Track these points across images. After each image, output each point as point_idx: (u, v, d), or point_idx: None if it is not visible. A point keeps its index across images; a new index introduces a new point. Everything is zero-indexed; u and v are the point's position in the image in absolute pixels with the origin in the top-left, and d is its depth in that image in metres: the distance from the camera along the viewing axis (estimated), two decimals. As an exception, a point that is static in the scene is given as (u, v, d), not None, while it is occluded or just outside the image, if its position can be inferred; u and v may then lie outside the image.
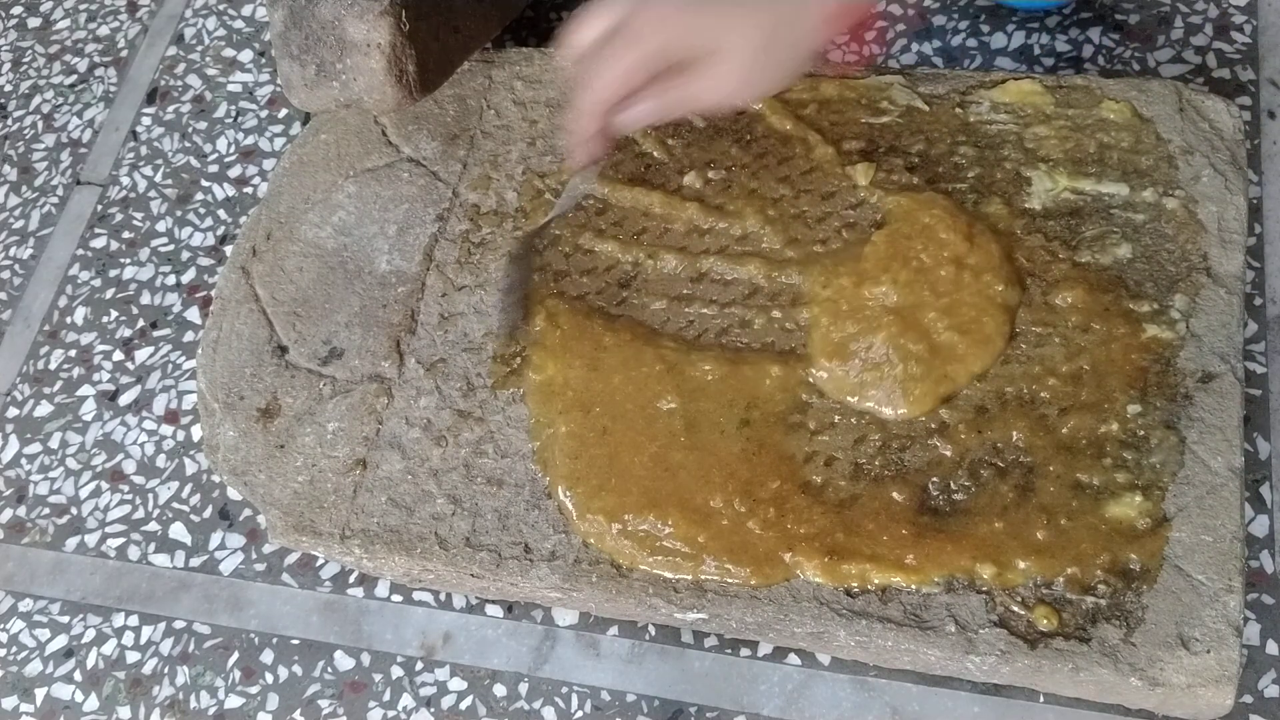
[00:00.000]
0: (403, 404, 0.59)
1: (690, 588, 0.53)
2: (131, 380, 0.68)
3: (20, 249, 0.75)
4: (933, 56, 0.69)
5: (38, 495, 0.66)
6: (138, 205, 0.74)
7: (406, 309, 0.62)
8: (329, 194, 0.66)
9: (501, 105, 0.67)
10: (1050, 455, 0.52)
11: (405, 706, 0.57)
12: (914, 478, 0.53)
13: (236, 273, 0.65)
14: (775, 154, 0.62)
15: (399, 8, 0.59)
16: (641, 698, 0.56)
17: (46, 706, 0.60)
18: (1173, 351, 0.54)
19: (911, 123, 0.61)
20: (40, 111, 0.80)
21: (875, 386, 0.54)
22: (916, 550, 0.51)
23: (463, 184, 0.65)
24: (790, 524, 0.52)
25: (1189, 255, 0.56)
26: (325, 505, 0.57)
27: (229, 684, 0.59)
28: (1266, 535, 0.55)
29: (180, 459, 0.65)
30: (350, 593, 0.60)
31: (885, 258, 0.57)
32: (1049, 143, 0.59)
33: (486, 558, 0.55)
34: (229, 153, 0.75)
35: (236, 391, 0.61)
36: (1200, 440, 0.52)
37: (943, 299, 0.55)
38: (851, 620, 0.51)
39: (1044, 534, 0.51)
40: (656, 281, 0.60)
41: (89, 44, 0.82)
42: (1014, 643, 0.49)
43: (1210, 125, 0.59)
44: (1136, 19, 0.68)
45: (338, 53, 0.60)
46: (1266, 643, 0.53)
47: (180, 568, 0.62)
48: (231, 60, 0.79)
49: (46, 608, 0.63)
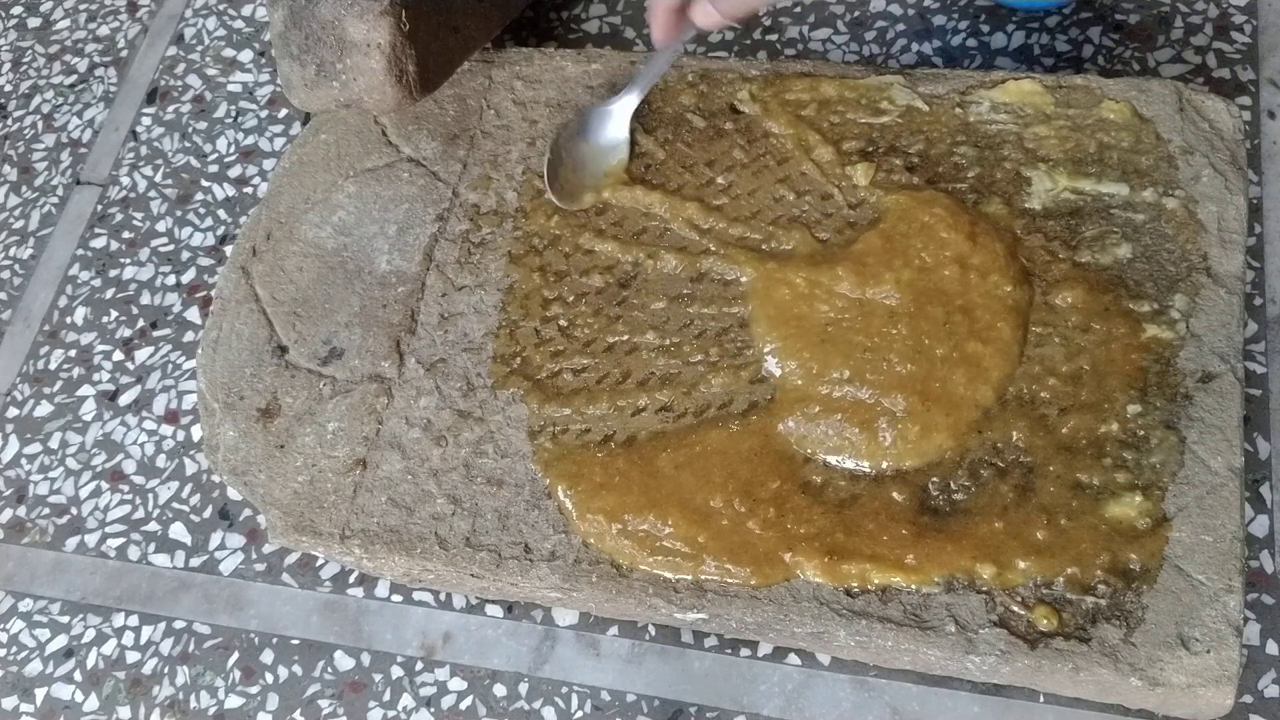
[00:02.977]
0: (403, 404, 0.59)
1: (690, 588, 0.53)
2: (131, 380, 0.68)
3: (20, 249, 0.75)
4: (933, 56, 0.69)
5: (38, 495, 0.66)
6: (138, 205, 0.74)
7: (406, 309, 0.62)
8: (329, 194, 0.66)
9: (501, 105, 0.67)
10: (1050, 455, 0.52)
11: (405, 706, 0.57)
12: (914, 478, 0.53)
13: (236, 273, 0.65)
14: (775, 154, 0.62)
15: (399, 8, 0.59)
16: (641, 698, 0.56)
17: (46, 706, 0.60)
18: (1173, 351, 0.54)
19: (911, 123, 0.61)
20: (40, 111, 0.80)
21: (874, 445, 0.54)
22: (916, 550, 0.51)
23: (463, 184, 0.65)
24: (790, 524, 0.52)
25: (1189, 255, 0.56)
26: (325, 505, 0.57)
27: (229, 684, 0.59)
28: (1266, 535, 0.55)
29: (180, 459, 0.65)
30: (350, 593, 0.60)
31: (882, 254, 0.57)
32: (1049, 143, 0.59)
33: (486, 558, 0.55)
34: (229, 153, 0.75)
35: (236, 391, 0.61)
36: (1200, 440, 0.52)
37: (948, 321, 0.55)
38: (851, 620, 0.51)
39: (1044, 534, 0.51)
40: (656, 281, 0.60)
41: (89, 44, 0.82)
42: (1014, 643, 0.49)
43: (1210, 125, 0.59)
44: (1136, 19, 0.68)
45: (338, 53, 0.60)
46: (1266, 643, 0.53)
47: (180, 568, 0.62)
48: (231, 60, 0.79)
49: (46, 608, 0.63)
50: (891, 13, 0.71)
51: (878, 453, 0.53)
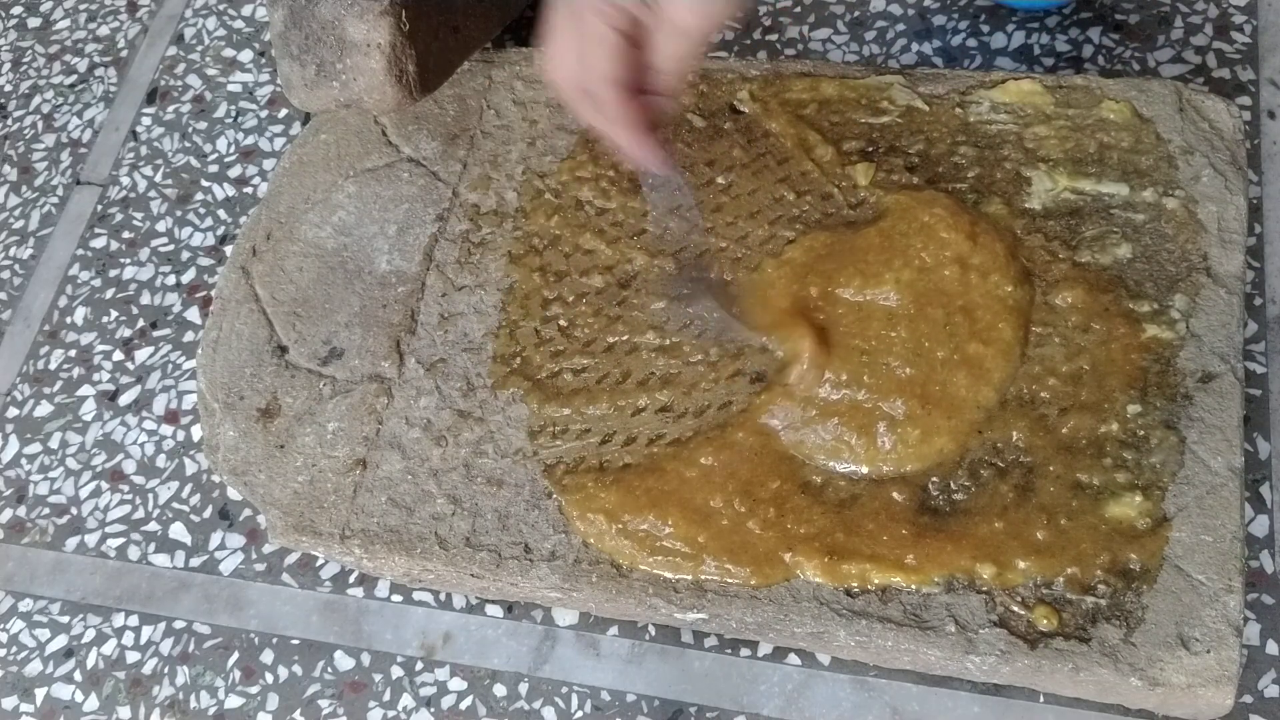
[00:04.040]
0: (403, 404, 0.59)
1: (690, 588, 0.53)
2: (131, 380, 0.68)
3: (20, 249, 0.75)
4: (933, 56, 0.69)
5: (38, 495, 0.66)
6: (138, 205, 0.74)
7: (406, 309, 0.62)
8: (329, 194, 0.66)
9: (501, 105, 0.67)
10: (1050, 455, 0.52)
11: (405, 706, 0.57)
12: (914, 478, 0.53)
13: (236, 273, 0.65)
14: (775, 154, 0.62)
15: (399, 8, 0.59)
16: (641, 698, 0.56)
17: (46, 706, 0.60)
18: (1173, 351, 0.54)
19: (911, 123, 0.61)
20: (40, 111, 0.80)
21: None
22: (916, 550, 0.51)
23: (463, 184, 0.65)
24: (790, 524, 0.52)
25: (1189, 255, 0.56)
26: (325, 505, 0.57)
27: (229, 684, 0.59)
28: (1266, 535, 0.55)
29: (180, 459, 0.65)
30: (350, 593, 0.60)
31: (882, 254, 0.57)
32: (1049, 143, 0.59)
33: (486, 558, 0.55)
34: (229, 153, 0.75)
35: (236, 391, 0.61)
36: (1200, 440, 0.52)
37: (947, 328, 0.55)
38: (851, 620, 0.51)
39: (1044, 534, 0.51)
40: (657, 281, 0.60)
41: (89, 44, 0.82)
42: (1014, 643, 0.49)
43: (1210, 125, 0.59)
44: (1136, 19, 0.68)
45: (338, 53, 0.60)
46: (1266, 643, 0.53)
47: (180, 568, 0.62)
48: (231, 60, 0.79)
49: (46, 608, 0.63)
50: (891, 13, 0.71)
51: (877, 457, 0.53)
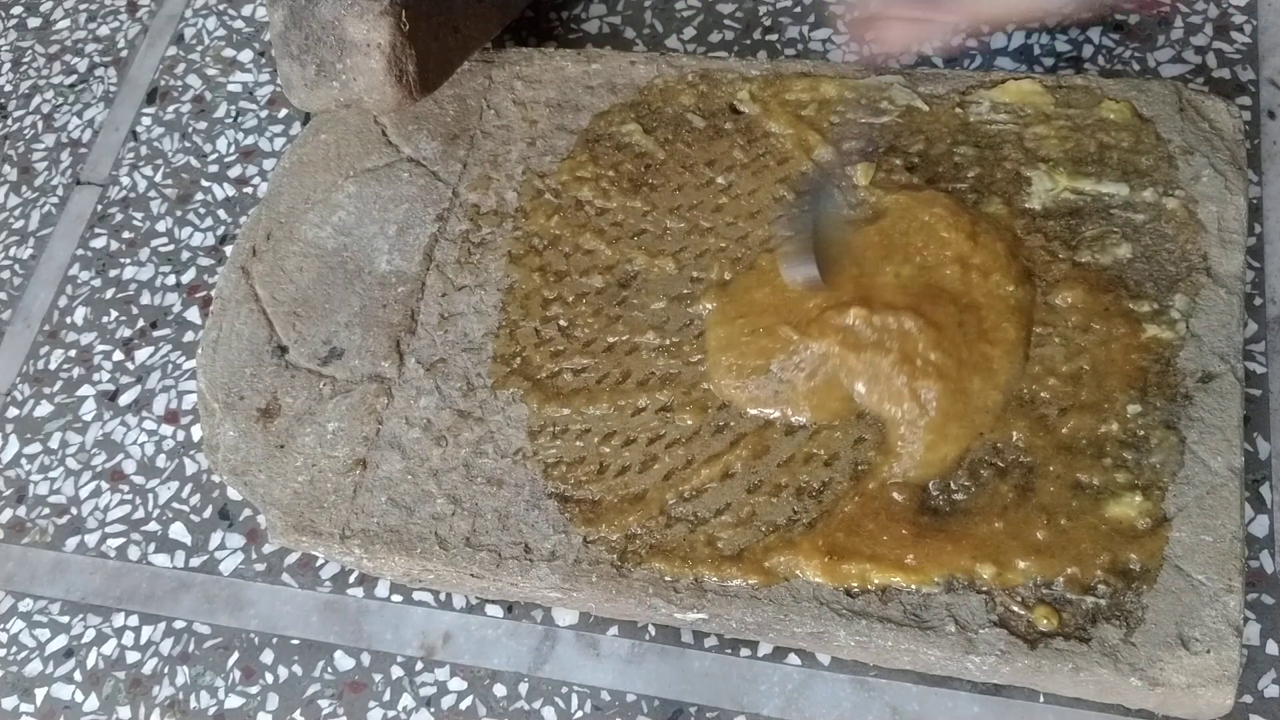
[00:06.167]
0: (403, 404, 0.59)
1: (690, 588, 0.53)
2: (131, 380, 0.68)
3: (20, 249, 0.75)
4: (933, 56, 0.69)
5: (38, 495, 0.66)
6: (138, 205, 0.74)
7: (406, 309, 0.62)
8: (329, 194, 0.66)
9: (501, 105, 0.67)
10: (1050, 455, 0.52)
11: (405, 706, 0.57)
12: (914, 478, 0.53)
13: (236, 273, 0.65)
14: (775, 154, 0.62)
15: (399, 8, 0.59)
16: (641, 698, 0.56)
17: (46, 706, 0.60)
18: (1173, 351, 0.54)
19: (911, 123, 0.61)
20: (40, 111, 0.80)
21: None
22: (916, 550, 0.51)
23: (463, 184, 0.65)
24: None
25: (1189, 255, 0.56)
26: (325, 505, 0.57)
27: (229, 684, 0.59)
28: (1266, 535, 0.55)
29: (180, 459, 0.65)
30: (350, 593, 0.60)
31: (881, 249, 0.57)
32: (1049, 143, 0.59)
33: (486, 558, 0.55)
34: (229, 153, 0.75)
35: (236, 391, 0.61)
36: (1200, 440, 0.52)
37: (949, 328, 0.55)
38: (851, 620, 0.51)
39: (1044, 534, 0.51)
40: (657, 281, 0.60)
41: (89, 44, 0.82)
42: (1014, 643, 0.49)
43: (1210, 125, 0.59)
44: (1136, 19, 0.68)
45: (338, 53, 0.60)
46: (1266, 643, 0.53)
47: (180, 568, 0.62)
48: (231, 60, 0.79)
49: (46, 608, 0.63)
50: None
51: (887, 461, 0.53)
